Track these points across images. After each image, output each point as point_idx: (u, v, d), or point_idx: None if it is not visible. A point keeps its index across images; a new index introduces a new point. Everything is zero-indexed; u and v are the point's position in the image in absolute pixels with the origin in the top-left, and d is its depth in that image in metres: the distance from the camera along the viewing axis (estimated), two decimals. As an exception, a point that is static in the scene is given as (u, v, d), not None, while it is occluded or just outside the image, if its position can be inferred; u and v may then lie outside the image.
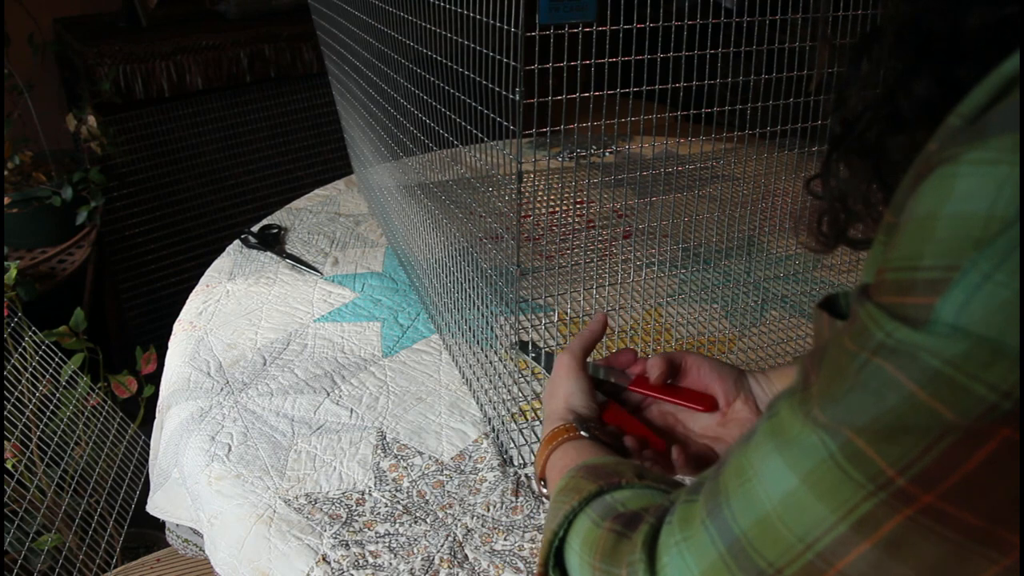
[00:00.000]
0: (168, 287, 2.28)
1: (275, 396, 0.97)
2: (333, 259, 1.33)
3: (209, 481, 0.84)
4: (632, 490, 0.48)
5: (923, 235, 0.31)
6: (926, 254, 0.30)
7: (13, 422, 1.26)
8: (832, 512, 0.32)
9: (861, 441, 0.31)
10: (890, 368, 0.31)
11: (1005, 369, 0.28)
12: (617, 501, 0.47)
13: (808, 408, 0.34)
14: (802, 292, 1.16)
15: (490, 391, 0.90)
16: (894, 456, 0.30)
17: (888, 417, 0.31)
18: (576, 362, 0.66)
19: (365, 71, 1.17)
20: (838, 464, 0.32)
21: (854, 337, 0.33)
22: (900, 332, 0.31)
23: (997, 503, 0.29)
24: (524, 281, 1.16)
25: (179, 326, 1.15)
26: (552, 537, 0.48)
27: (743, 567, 0.35)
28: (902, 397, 0.30)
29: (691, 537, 0.38)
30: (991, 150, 0.29)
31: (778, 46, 0.83)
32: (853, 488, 0.31)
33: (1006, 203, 0.28)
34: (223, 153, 2.29)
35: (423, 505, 0.80)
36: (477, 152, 0.79)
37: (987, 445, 0.28)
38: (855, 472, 0.31)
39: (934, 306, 0.29)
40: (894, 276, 0.32)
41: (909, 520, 0.30)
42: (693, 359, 0.68)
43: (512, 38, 0.62)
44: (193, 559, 1.26)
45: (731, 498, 0.36)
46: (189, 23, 2.40)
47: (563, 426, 0.61)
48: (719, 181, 1.55)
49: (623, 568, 0.41)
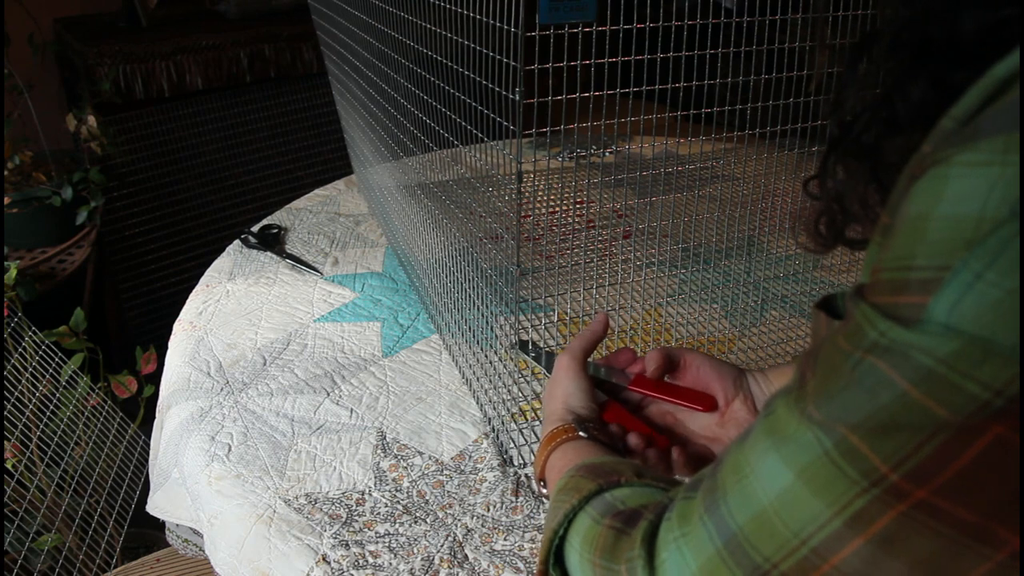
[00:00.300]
0: (168, 287, 2.28)
1: (275, 396, 0.97)
2: (333, 259, 1.33)
3: (209, 481, 0.84)
4: (631, 488, 0.48)
5: (916, 236, 0.31)
6: (919, 254, 0.31)
7: (13, 422, 1.26)
8: (827, 508, 0.33)
9: (855, 438, 0.32)
10: (883, 367, 0.31)
11: (997, 367, 0.28)
12: (617, 499, 0.47)
13: (804, 406, 0.34)
14: (802, 292, 1.16)
15: (490, 391, 0.90)
16: (887, 452, 0.31)
17: (882, 415, 0.31)
18: (576, 363, 0.66)
19: (365, 71, 1.17)
20: (832, 460, 0.32)
21: (849, 336, 0.33)
22: (893, 332, 0.31)
23: (991, 499, 0.30)
24: (524, 281, 1.16)
25: (179, 326, 1.15)
26: (552, 535, 0.49)
27: (740, 562, 0.36)
28: (895, 395, 0.31)
29: (689, 533, 0.38)
30: (982, 152, 0.29)
31: (778, 46, 0.83)
32: (847, 484, 0.32)
33: (996, 204, 0.28)
34: (223, 153, 2.29)
35: (423, 505, 0.80)
36: (477, 152, 0.79)
37: (980, 441, 0.29)
38: (849, 468, 0.32)
39: (927, 306, 0.30)
40: (888, 276, 0.32)
41: (902, 515, 0.31)
42: (692, 357, 0.68)
43: (512, 38, 0.62)
44: (193, 559, 1.26)
45: (728, 494, 0.37)
46: (189, 23, 2.40)
47: (562, 427, 0.61)
48: (719, 181, 1.55)
49: (622, 564, 0.42)
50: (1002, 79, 0.32)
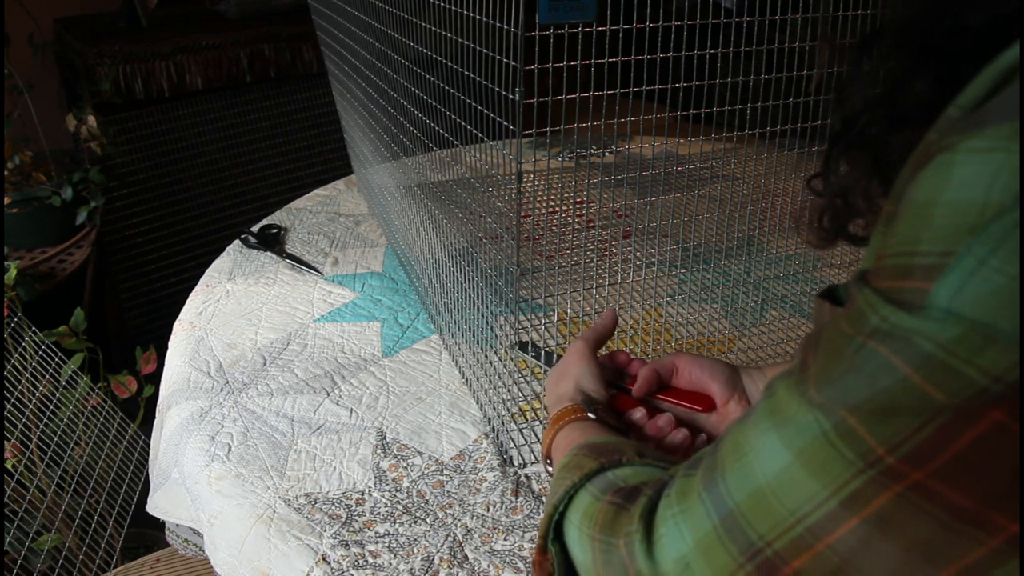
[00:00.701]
0: (168, 287, 2.28)
1: (275, 396, 0.97)
2: (333, 259, 1.33)
3: (209, 481, 0.84)
4: (632, 467, 0.49)
5: (921, 222, 0.31)
6: (923, 240, 0.31)
7: (13, 422, 1.26)
8: (823, 488, 0.33)
9: (853, 420, 0.32)
10: (884, 351, 0.31)
11: (997, 354, 0.28)
12: (618, 477, 0.48)
13: (804, 388, 0.35)
14: (802, 292, 1.16)
15: (490, 391, 0.90)
16: (885, 435, 0.31)
17: (881, 398, 0.31)
18: (590, 349, 0.68)
19: (365, 71, 1.17)
20: (831, 442, 0.33)
21: (851, 321, 0.34)
22: (895, 317, 0.31)
23: (987, 484, 0.30)
24: (524, 281, 1.16)
25: (179, 326, 1.15)
26: (552, 511, 0.49)
27: (735, 538, 0.36)
28: (895, 379, 0.31)
29: (687, 509, 0.39)
30: (987, 138, 0.29)
31: (778, 46, 0.83)
32: (844, 465, 0.32)
33: (1001, 190, 0.28)
34: (223, 153, 2.29)
35: (423, 505, 0.80)
36: (477, 152, 0.79)
37: (978, 426, 0.29)
38: (846, 450, 0.32)
39: (929, 291, 0.30)
40: (892, 262, 0.32)
41: (898, 497, 0.31)
42: (685, 361, 0.68)
43: (512, 38, 0.62)
44: (193, 559, 1.26)
45: (727, 472, 0.37)
46: (189, 23, 2.40)
47: (571, 406, 0.62)
48: (719, 181, 1.55)
49: (621, 538, 0.42)
50: (1007, 68, 0.32)
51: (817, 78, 0.87)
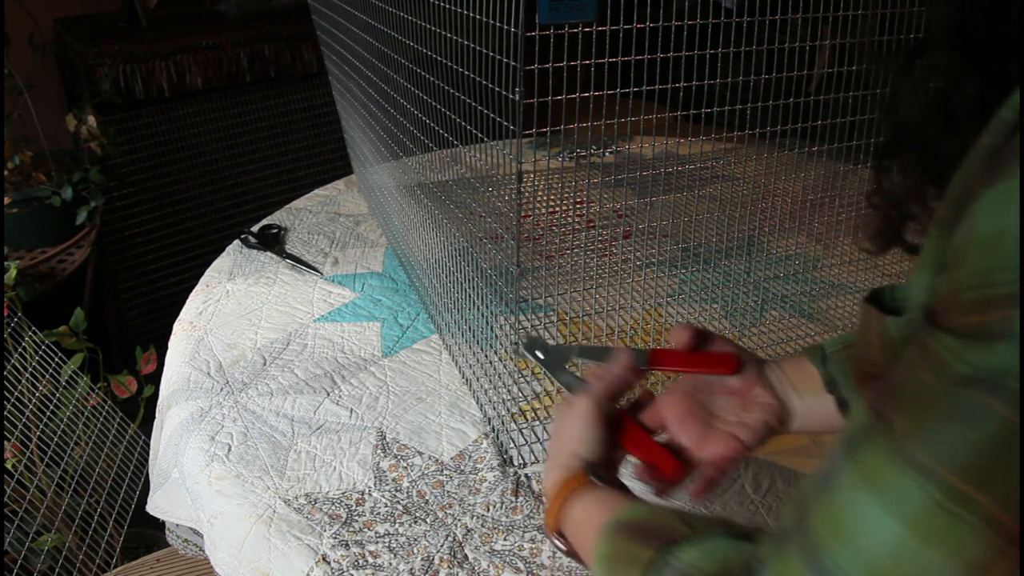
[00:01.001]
0: (168, 287, 2.28)
1: (275, 396, 0.97)
2: (333, 259, 1.33)
3: (209, 481, 0.84)
4: (694, 547, 0.44)
5: (994, 252, 0.31)
6: (998, 269, 0.30)
7: (13, 422, 1.26)
8: (944, 556, 0.31)
9: (958, 479, 0.31)
10: (979, 398, 0.30)
11: None
12: (687, 565, 0.43)
13: (897, 449, 0.33)
14: (802, 292, 1.16)
15: (490, 391, 0.90)
16: (999, 493, 0.30)
17: (984, 451, 0.30)
18: (597, 409, 0.62)
19: (365, 71, 1.17)
20: (940, 505, 0.31)
21: (934, 371, 0.32)
22: (983, 360, 0.30)
23: None
24: (524, 281, 1.16)
25: (179, 326, 1.15)
26: None
27: None
28: (996, 427, 0.30)
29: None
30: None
31: (778, 46, 0.83)
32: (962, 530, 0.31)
33: None
34: (223, 153, 2.29)
35: (423, 505, 0.80)
36: (477, 152, 0.79)
37: None
38: (960, 511, 0.31)
39: (1011, 318, 0.29)
40: (968, 296, 0.32)
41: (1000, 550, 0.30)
42: (718, 336, 0.67)
43: (512, 38, 0.62)
44: (193, 559, 1.26)
45: (836, 553, 0.35)
46: (189, 23, 2.40)
47: (572, 475, 0.57)
48: (719, 181, 1.55)
49: None
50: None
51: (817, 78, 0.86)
